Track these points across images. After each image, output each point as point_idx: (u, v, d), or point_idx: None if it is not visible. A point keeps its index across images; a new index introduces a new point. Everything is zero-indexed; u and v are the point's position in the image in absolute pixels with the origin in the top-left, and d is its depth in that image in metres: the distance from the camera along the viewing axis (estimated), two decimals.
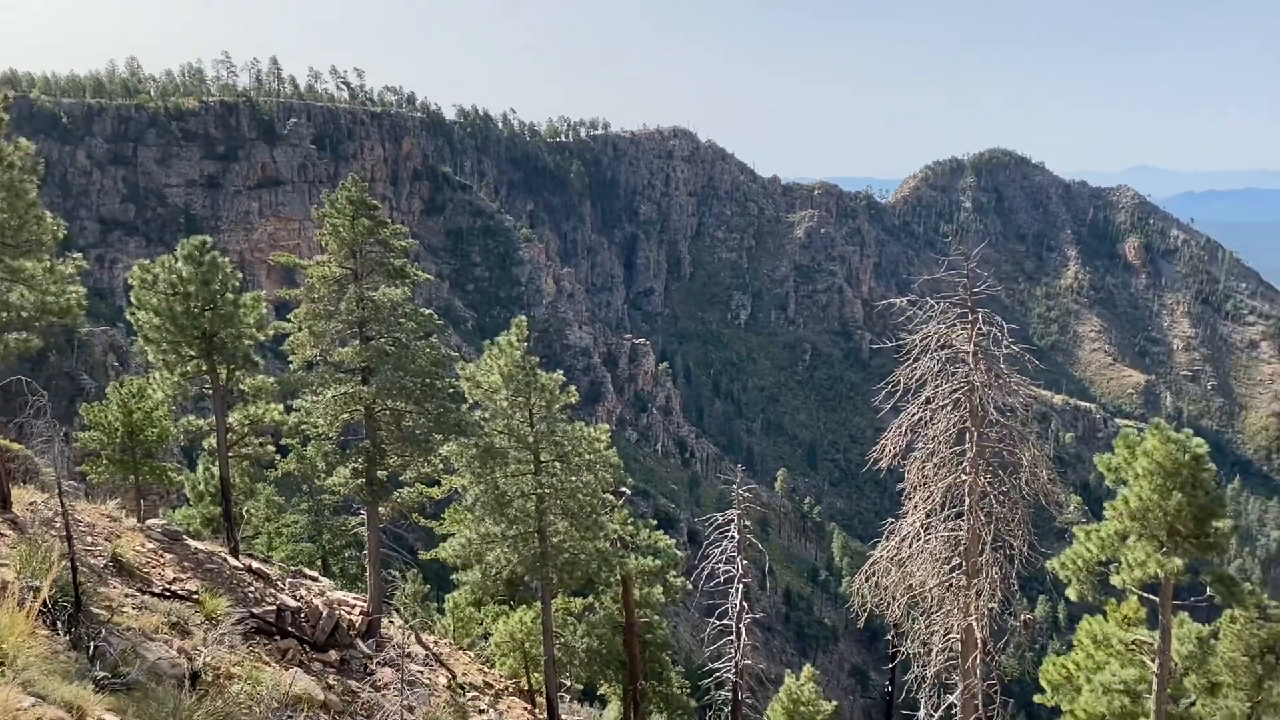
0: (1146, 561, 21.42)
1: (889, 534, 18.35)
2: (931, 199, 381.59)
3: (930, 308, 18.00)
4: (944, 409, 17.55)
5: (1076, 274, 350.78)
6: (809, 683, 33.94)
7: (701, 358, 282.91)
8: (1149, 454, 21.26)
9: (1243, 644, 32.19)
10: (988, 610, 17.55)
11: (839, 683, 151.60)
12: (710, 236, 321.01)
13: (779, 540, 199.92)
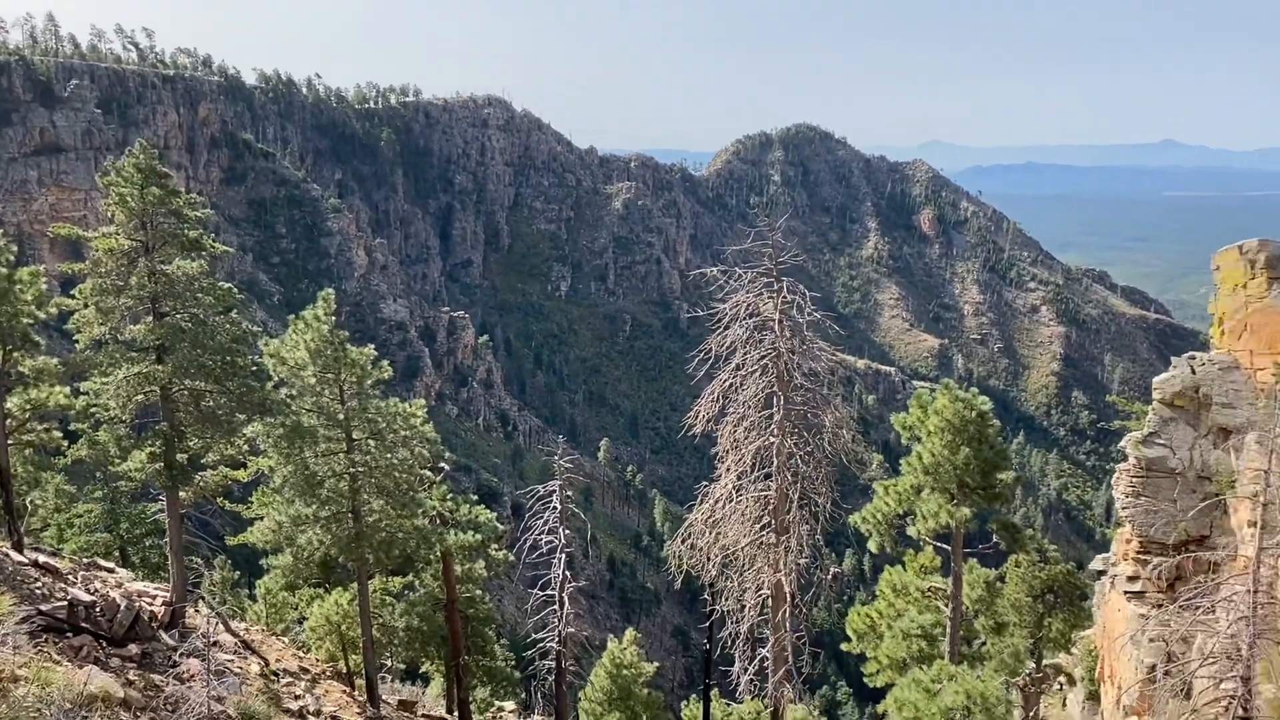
0: (939, 512, 22.99)
1: (703, 497, 18.90)
2: (743, 172, 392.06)
3: (739, 277, 18.53)
4: (753, 375, 18.16)
5: (877, 245, 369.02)
6: (631, 646, 34.62)
7: (522, 330, 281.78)
8: (940, 412, 22.76)
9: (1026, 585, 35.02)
10: (796, 566, 18.37)
11: (662, 644, 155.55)
12: (528, 207, 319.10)
13: (603, 509, 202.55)
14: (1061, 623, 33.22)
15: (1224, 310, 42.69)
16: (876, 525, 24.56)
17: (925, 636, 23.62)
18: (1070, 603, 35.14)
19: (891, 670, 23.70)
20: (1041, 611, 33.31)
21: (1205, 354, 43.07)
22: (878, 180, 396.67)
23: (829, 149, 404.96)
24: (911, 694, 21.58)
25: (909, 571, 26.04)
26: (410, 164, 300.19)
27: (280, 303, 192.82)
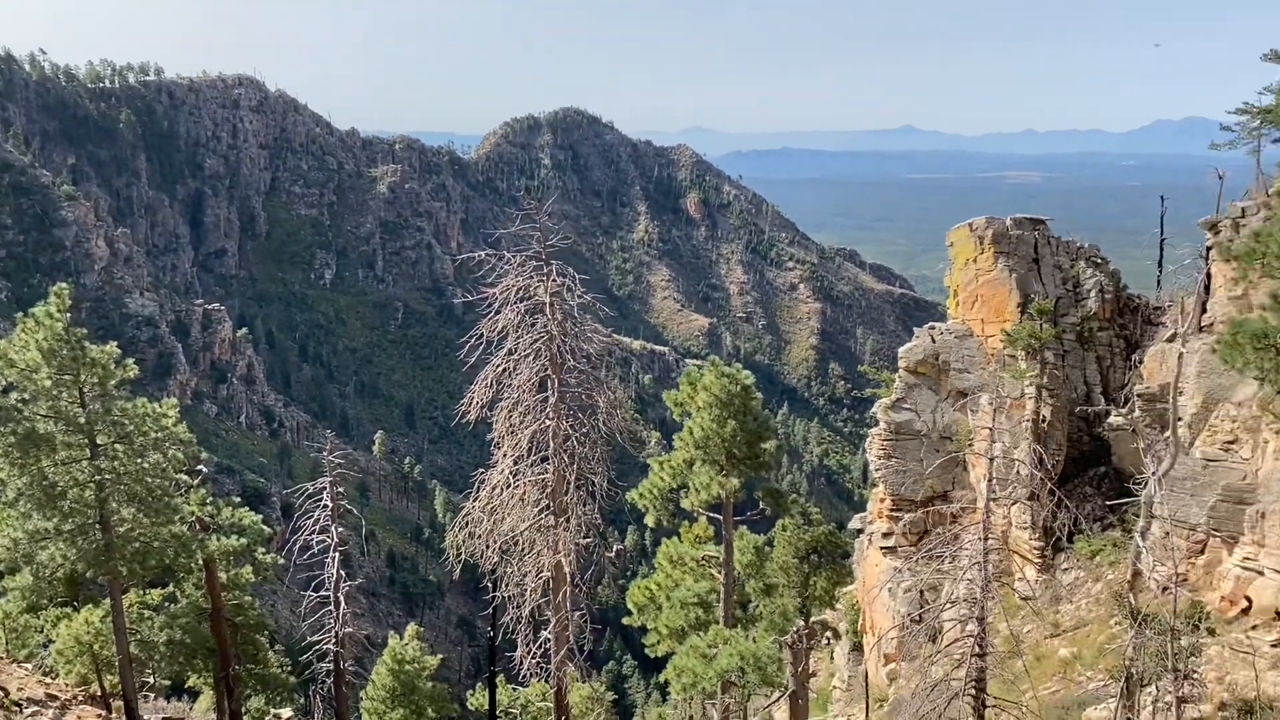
0: (710, 484, 23.85)
1: (480, 485, 18.75)
2: (513, 156, 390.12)
3: (509, 261, 18.43)
4: (526, 359, 18.15)
5: (647, 228, 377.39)
6: (413, 641, 33.98)
7: (285, 321, 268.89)
8: (708, 388, 23.58)
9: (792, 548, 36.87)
10: (576, 546, 18.57)
11: (448, 636, 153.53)
12: (286, 192, 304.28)
13: (380, 504, 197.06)
14: (826, 581, 35.32)
15: (958, 283, 46.58)
16: (653, 500, 25.20)
17: (701, 604, 24.52)
18: (833, 561, 37.40)
19: (671, 639, 24.48)
20: (807, 571, 35.29)
21: (943, 324, 46.92)
22: (645, 165, 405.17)
23: (597, 133, 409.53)
24: (690, 660, 22.36)
25: (684, 543, 26.93)
26: (154, 148, 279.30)
27: (9, 300, 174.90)
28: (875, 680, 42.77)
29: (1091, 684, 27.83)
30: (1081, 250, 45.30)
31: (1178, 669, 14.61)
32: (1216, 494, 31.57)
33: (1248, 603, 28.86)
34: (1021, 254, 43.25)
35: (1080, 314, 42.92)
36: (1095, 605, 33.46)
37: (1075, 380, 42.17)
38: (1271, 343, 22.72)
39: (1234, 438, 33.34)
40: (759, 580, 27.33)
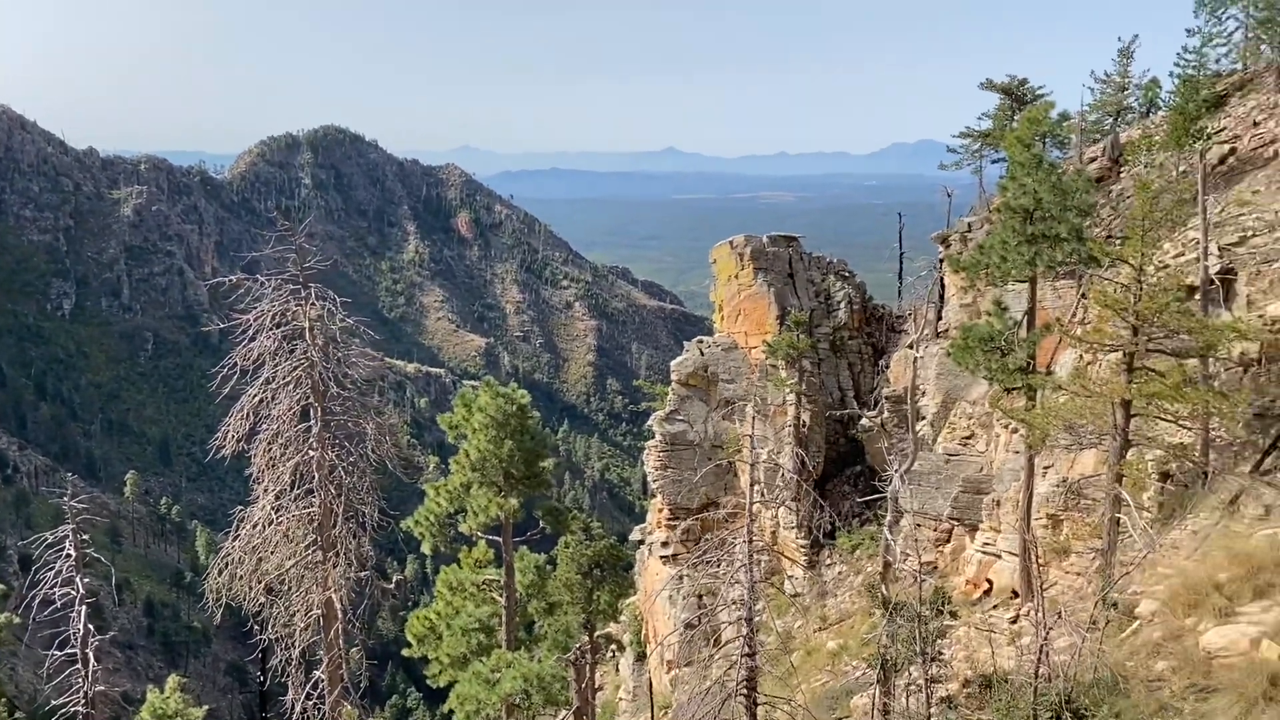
0: (489, 506, 23.58)
1: (240, 523, 17.68)
2: (271, 175, 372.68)
3: (263, 285, 17.55)
4: (286, 387, 17.31)
5: (417, 248, 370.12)
6: (175, 693, 31.60)
7: (18, 357, 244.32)
8: (483, 409, 23.32)
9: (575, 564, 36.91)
10: (347, 581, 17.85)
11: (216, 684, 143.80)
12: (15, 216, 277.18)
13: (135, 549, 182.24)
14: (608, 594, 35.63)
15: (722, 298, 48.46)
16: (429, 527, 24.63)
17: (483, 629, 24.13)
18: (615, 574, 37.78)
19: (453, 668, 23.94)
20: (590, 586, 35.52)
21: (711, 338, 48.66)
22: (413, 184, 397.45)
23: (360, 152, 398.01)
24: (472, 687, 21.98)
25: (464, 568, 26.44)
26: None
27: None
28: (659, 688, 43.58)
29: (856, 673, 29.51)
30: (831, 265, 48.26)
31: (926, 653, 15.73)
32: (958, 485, 34.32)
33: (989, 584, 31.50)
34: (778, 269, 45.56)
35: (832, 324, 45.66)
36: (857, 597, 35.56)
37: (830, 386, 44.78)
38: (997, 345, 24.96)
39: (971, 433, 36.39)
40: (541, 600, 27.21)
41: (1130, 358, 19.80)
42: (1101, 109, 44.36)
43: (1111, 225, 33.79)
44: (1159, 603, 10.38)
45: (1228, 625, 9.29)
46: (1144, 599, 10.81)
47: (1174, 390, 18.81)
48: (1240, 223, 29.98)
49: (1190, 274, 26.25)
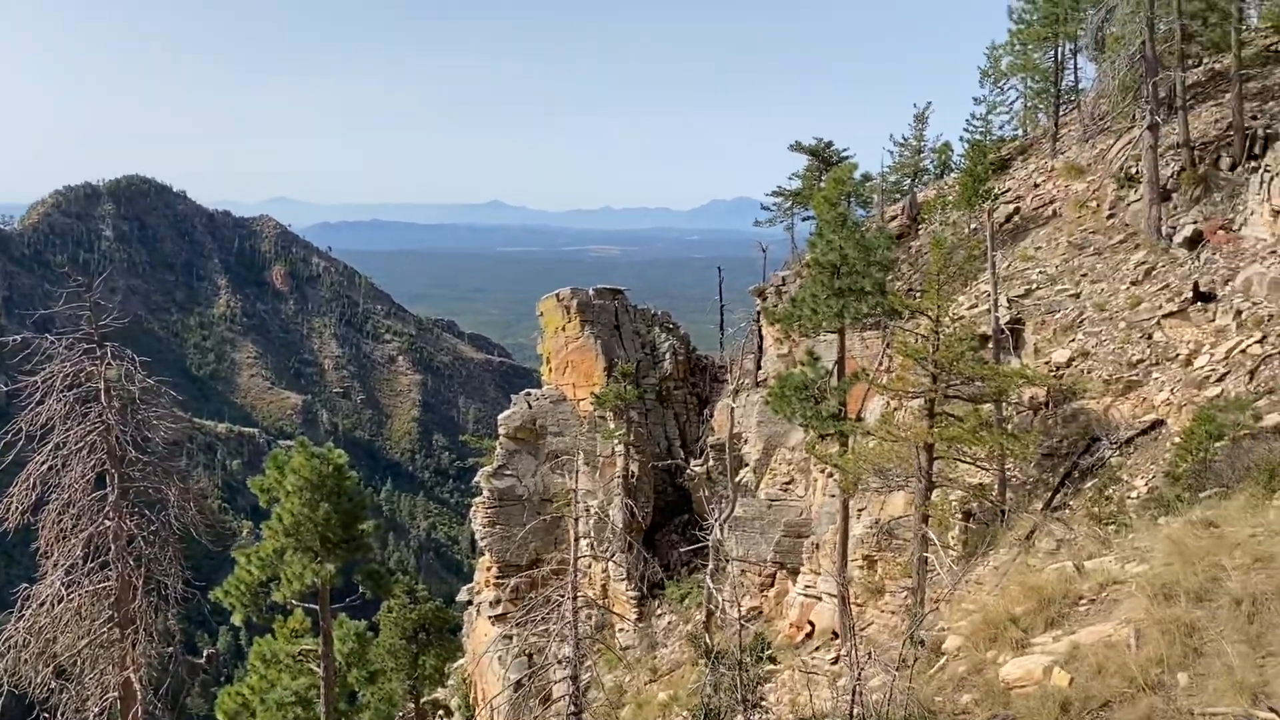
0: (304, 573, 22.47)
1: (23, 602, 16.24)
2: (67, 226, 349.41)
3: (54, 344, 16.37)
4: (79, 453, 16.13)
5: (229, 302, 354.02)
6: None
7: None
8: (297, 471, 22.31)
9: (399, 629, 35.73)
10: (147, 659, 16.63)
11: None
12: None
13: None
14: (434, 658, 34.64)
15: (550, 350, 48.48)
16: (240, 597, 23.23)
17: (300, 702, 22.88)
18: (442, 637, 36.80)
19: None
20: (415, 651, 34.45)
21: (539, 390, 48.51)
22: (224, 236, 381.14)
23: (167, 202, 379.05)
24: None
25: (279, 639, 25.07)
26: None
27: None
28: None
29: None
30: (656, 317, 49.21)
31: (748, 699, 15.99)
32: (780, 530, 35.29)
33: (811, 627, 32.37)
34: (605, 321, 46.06)
35: (659, 375, 46.43)
36: (686, 647, 35.83)
37: (658, 436, 45.40)
38: (811, 394, 25.95)
39: (791, 478, 37.54)
40: (363, 668, 26.10)
41: (931, 404, 20.98)
42: (900, 170, 47.36)
43: (911, 279, 35.90)
44: (963, 638, 10.92)
45: (1024, 656, 9.84)
46: (950, 635, 11.35)
47: (971, 434, 20.03)
48: (1026, 276, 32.48)
49: (983, 324, 28.15)
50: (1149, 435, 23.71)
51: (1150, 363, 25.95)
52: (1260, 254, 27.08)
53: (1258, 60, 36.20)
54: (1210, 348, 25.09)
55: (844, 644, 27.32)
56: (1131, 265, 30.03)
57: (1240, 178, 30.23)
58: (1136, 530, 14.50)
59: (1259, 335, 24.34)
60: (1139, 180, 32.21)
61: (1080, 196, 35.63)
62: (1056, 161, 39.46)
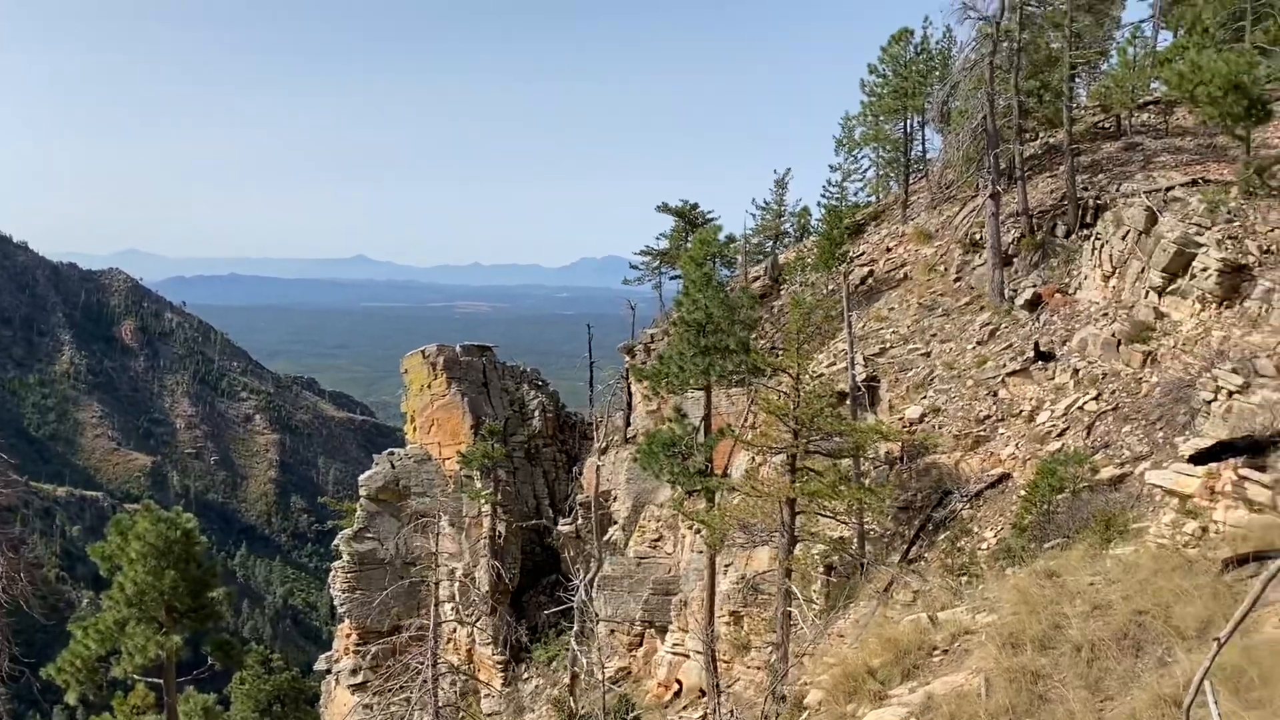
0: (147, 645, 21.23)
1: None
2: None
3: None
4: None
5: (73, 359, 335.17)
6: None
7: None
8: (142, 536, 21.18)
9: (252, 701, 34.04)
10: None
11: None
12: None
13: None
14: None
15: (414, 408, 47.61)
16: (76, 674, 21.74)
17: None
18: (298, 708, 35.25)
19: None
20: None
21: (403, 449, 47.48)
22: (70, 290, 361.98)
23: (7, 254, 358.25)
24: None
25: (119, 717, 23.55)
26: None
27: None
28: None
29: None
30: (525, 374, 49.02)
31: None
32: (649, 588, 35.26)
33: (679, 685, 32.32)
34: (472, 379, 45.59)
35: (527, 433, 46.11)
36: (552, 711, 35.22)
37: (526, 495, 44.94)
38: (678, 450, 26.21)
39: (660, 535, 37.67)
40: None
41: (793, 459, 21.48)
42: (762, 233, 48.85)
43: (774, 338, 36.88)
44: (824, 691, 11.11)
45: (882, 708, 10.06)
46: (811, 689, 11.53)
47: (831, 488, 20.57)
48: (880, 336, 33.79)
49: (841, 381, 29.07)
50: (997, 488, 24.81)
51: (996, 419, 27.25)
52: (1094, 316, 28.90)
53: (1087, 135, 39.01)
54: (1051, 404, 26.53)
55: (710, 702, 27.35)
56: (977, 326, 31.60)
57: (1074, 244, 32.31)
58: (986, 581, 15.09)
59: (1094, 393, 25.88)
60: (983, 246, 34.04)
61: (929, 260, 37.41)
62: (907, 227, 41.40)
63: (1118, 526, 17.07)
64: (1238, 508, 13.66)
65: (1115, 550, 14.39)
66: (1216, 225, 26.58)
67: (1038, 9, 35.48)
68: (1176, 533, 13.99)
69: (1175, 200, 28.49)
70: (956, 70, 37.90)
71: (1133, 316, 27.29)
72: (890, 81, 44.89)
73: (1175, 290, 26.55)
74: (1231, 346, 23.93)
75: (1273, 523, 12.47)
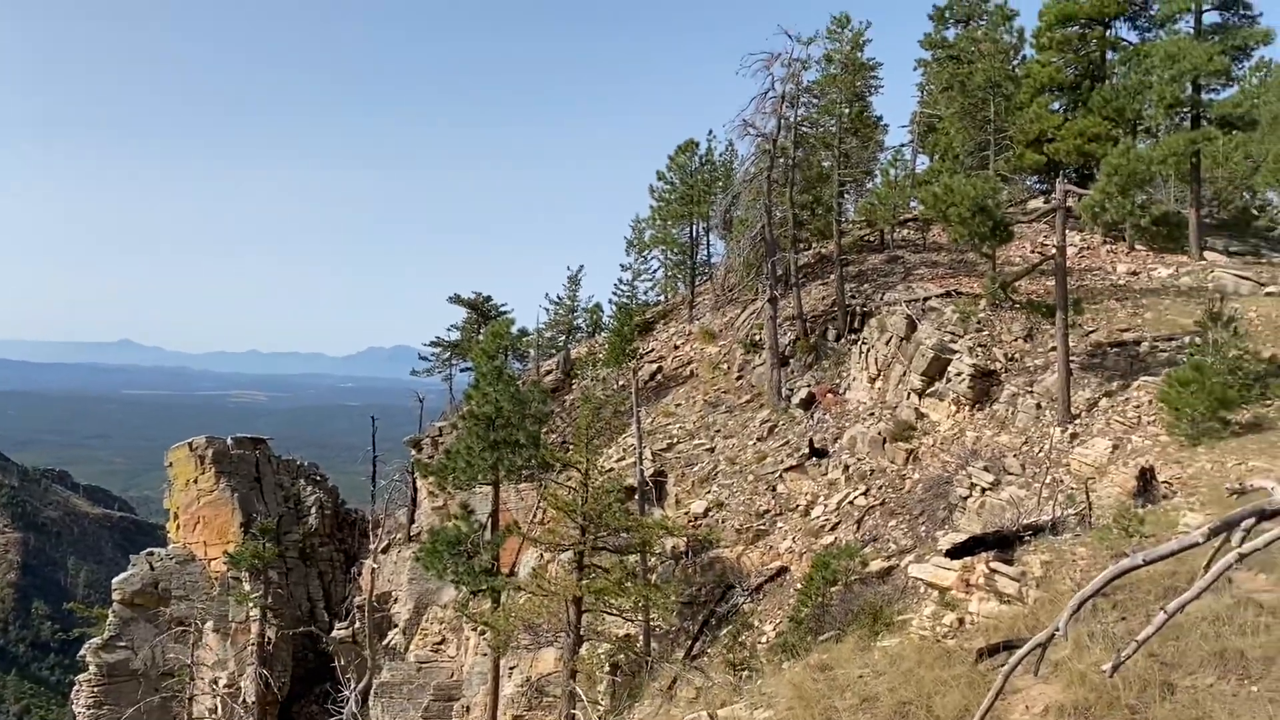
0: None
1: None
2: None
3: None
4: None
5: None
6: None
7: None
8: None
9: None
10: None
11: None
12: None
13: None
14: None
15: (179, 504, 44.42)
16: None
17: None
18: None
19: None
20: None
21: (164, 549, 44.05)
22: None
23: None
24: None
25: None
26: None
27: None
28: None
29: None
30: (302, 468, 46.80)
31: None
32: (430, 694, 33.82)
33: None
34: (244, 473, 43.10)
35: (303, 531, 43.85)
36: None
37: (300, 597, 42.47)
38: (464, 549, 25.57)
39: (443, 638, 36.36)
40: None
41: (580, 556, 21.37)
42: (555, 327, 49.27)
43: (565, 432, 36.96)
44: None
45: None
46: None
47: (617, 585, 20.55)
48: (668, 431, 34.53)
49: (629, 476, 29.37)
50: (776, 581, 25.54)
51: (775, 513, 28.21)
52: (862, 415, 30.68)
53: (855, 247, 41.98)
54: (824, 499, 27.76)
55: None
56: (758, 423, 32.87)
57: (844, 348, 34.38)
58: (765, 675, 15.39)
59: (864, 488, 27.31)
60: (762, 346, 35.66)
61: (714, 359, 38.81)
62: (693, 326, 42.91)
63: (884, 619, 17.88)
64: (990, 599, 14.62)
65: (882, 642, 15.03)
66: (968, 334, 29.01)
67: (811, 130, 38.21)
68: (937, 624, 14.80)
69: (932, 309, 30.94)
70: (738, 182, 40.07)
71: (896, 416, 29.17)
72: (677, 188, 46.95)
73: (933, 392, 28.65)
74: (983, 446, 25.95)
75: (1020, 613, 13.40)
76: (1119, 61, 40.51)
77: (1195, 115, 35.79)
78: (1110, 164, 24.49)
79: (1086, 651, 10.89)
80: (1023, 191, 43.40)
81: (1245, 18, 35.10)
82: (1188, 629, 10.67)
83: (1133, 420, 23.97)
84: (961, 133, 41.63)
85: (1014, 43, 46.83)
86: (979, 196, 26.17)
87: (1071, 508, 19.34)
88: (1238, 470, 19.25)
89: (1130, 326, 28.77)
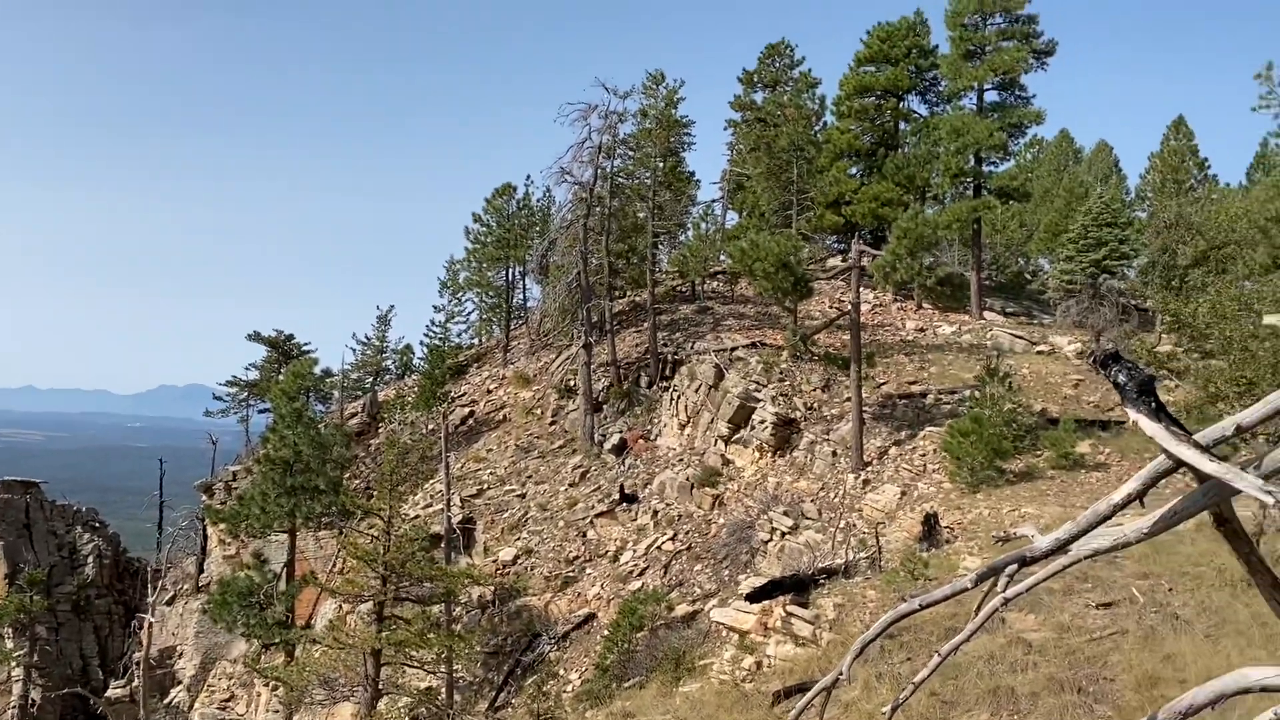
0: None
1: None
2: None
3: None
4: None
5: None
6: None
7: None
8: None
9: None
10: None
11: None
12: None
13: None
14: None
15: None
16: None
17: None
18: None
19: None
20: None
21: None
22: None
23: None
24: None
25: None
26: None
27: None
28: None
29: None
30: (79, 514, 43.34)
31: None
32: None
33: None
34: (11, 520, 39.56)
35: (78, 581, 40.52)
36: None
37: (70, 654, 39.09)
38: (256, 600, 24.25)
39: (231, 694, 34.23)
40: None
41: (380, 607, 20.67)
42: (363, 368, 47.90)
43: (369, 478, 35.83)
44: None
45: None
46: None
47: (419, 637, 19.96)
48: (478, 477, 34.03)
49: (436, 523, 28.73)
50: (583, 628, 25.47)
51: (585, 559, 28.22)
52: (671, 461, 31.23)
53: (668, 297, 42.95)
54: (633, 544, 28.00)
55: None
56: (570, 468, 32.89)
57: (656, 394, 34.99)
58: None
59: (671, 533, 27.73)
60: (576, 392, 35.83)
61: (528, 404, 38.65)
62: (507, 370, 42.64)
63: (687, 664, 18.13)
64: (786, 642, 15.08)
65: (684, 688, 15.22)
66: (771, 383, 30.13)
67: (626, 181, 39.02)
68: (736, 668, 15.12)
69: (739, 359, 31.99)
70: (555, 228, 40.38)
71: (704, 462, 29.86)
72: (494, 231, 46.77)
73: (739, 439, 29.52)
74: (784, 491, 26.89)
75: (814, 655, 13.88)
76: (910, 132, 43.49)
77: (977, 185, 38.79)
78: (900, 227, 26.17)
79: (874, 692, 11.40)
80: (823, 250, 45.67)
81: (1020, 98, 38.42)
82: (965, 668, 11.36)
83: (919, 468, 25.46)
84: (768, 192, 43.53)
85: (816, 109, 49.52)
86: (782, 253, 27.38)
87: (863, 551, 20.27)
88: (1011, 516, 20.74)
89: (917, 380, 30.65)
